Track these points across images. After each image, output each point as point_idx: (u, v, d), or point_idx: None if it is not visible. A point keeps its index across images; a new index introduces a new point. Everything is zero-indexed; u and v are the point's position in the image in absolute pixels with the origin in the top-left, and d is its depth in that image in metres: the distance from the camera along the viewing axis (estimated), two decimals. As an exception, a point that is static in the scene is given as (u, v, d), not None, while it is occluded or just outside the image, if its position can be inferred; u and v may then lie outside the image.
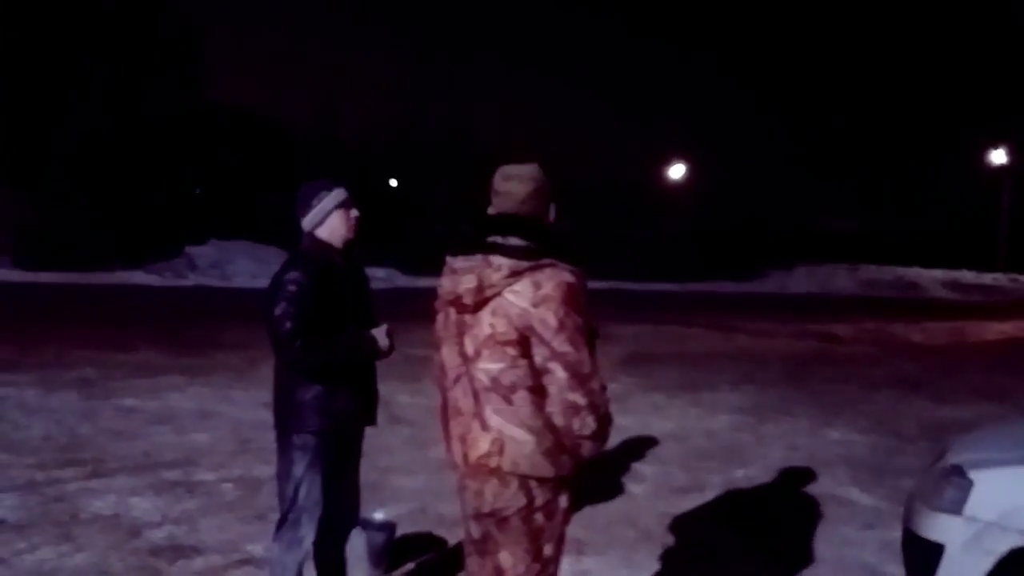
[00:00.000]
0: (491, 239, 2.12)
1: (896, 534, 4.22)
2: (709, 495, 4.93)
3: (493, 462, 2.10)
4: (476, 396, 2.13)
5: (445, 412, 2.27)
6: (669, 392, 8.16)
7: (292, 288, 2.74)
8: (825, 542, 4.20)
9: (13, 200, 21.49)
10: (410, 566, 3.75)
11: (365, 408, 2.98)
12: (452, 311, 2.18)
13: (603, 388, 2.13)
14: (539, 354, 2.06)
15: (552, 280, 2.05)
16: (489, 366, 2.10)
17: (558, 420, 2.07)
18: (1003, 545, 2.71)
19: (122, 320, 12.14)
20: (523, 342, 2.07)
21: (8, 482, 4.56)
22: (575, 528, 4.22)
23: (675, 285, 25.07)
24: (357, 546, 3.41)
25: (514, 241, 2.10)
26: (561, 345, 2.05)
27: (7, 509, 4.14)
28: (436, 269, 2.25)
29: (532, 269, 2.06)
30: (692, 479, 5.24)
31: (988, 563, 2.75)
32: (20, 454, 5.10)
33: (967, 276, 35.69)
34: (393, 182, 36.44)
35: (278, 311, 2.73)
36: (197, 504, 4.37)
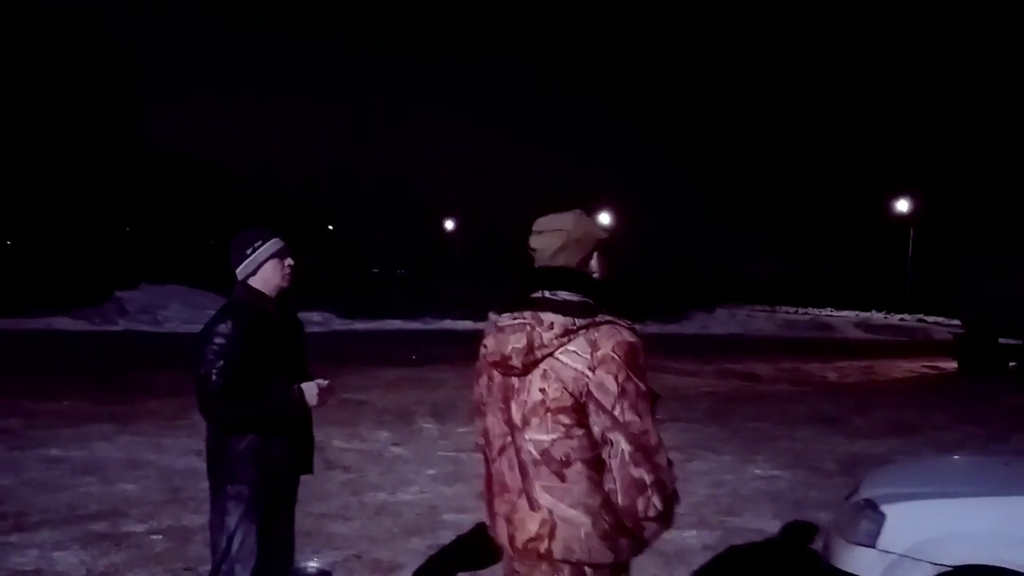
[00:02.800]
0: (538, 294, 1.92)
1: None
2: (641, 533, 5.06)
3: (543, 546, 1.85)
4: (524, 470, 1.88)
5: (490, 487, 2.02)
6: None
7: (220, 341, 2.76)
8: (749, 574, 4.38)
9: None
10: (348, 613, 3.73)
11: (300, 456, 2.99)
12: (497, 374, 1.96)
13: (670, 463, 1.87)
14: (597, 423, 1.83)
15: (611, 339, 1.84)
16: (539, 436, 1.86)
17: (620, 499, 1.82)
18: None
19: (48, 368, 11.64)
20: (578, 409, 1.83)
21: (-81, 539, 4.33)
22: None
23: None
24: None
25: (564, 296, 1.90)
26: (624, 413, 1.81)
27: (-82, 568, 3.94)
28: (371, 313, 2.21)
29: (588, 327, 1.84)
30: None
31: (900, 593, 2.95)
32: (-68, 509, 4.85)
33: (876, 317, 37.59)
34: (330, 227, 36.21)
35: (205, 366, 2.74)
36: (124, 557, 4.25)
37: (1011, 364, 16.40)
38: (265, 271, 2.91)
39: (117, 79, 27.59)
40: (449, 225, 46.61)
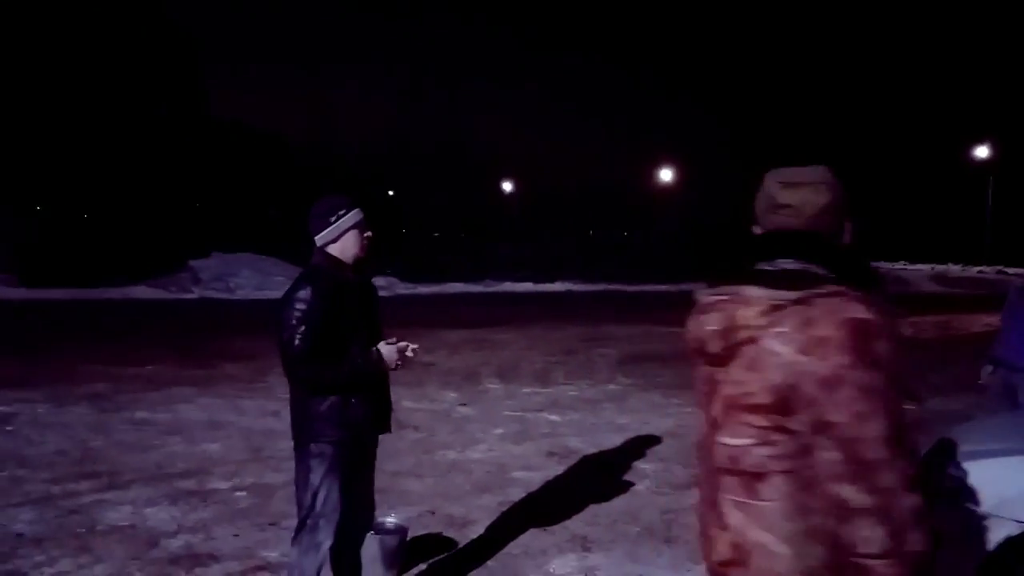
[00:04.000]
0: (754, 266, 1.54)
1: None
2: (709, 491, 5.06)
3: (736, 573, 1.50)
4: (715, 480, 1.54)
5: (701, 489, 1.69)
6: (666, 391, 8.30)
7: (301, 307, 2.83)
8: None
9: (14, 218, 21.56)
10: (422, 567, 3.85)
11: (379, 416, 3.08)
12: (702, 362, 1.59)
13: (907, 485, 1.37)
14: (801, 424, 1.41)
15: (832, 316, 1.40)
16: (729, 440, 1.49)
17: (827, 524, 1.40)
18: (1001, 534, 2.84)
19: (129, 334, 12.23)
20: (782, 408, 1.43)
21: (24, 496, 4.64)
22: (579, 525, 4.38)
23: (667, 285, 25.24)
24: (371, 550, 3.51)
25: (784, 264, 1.50)
26: (835, 411, 1.38)
27: (24, 523, 4.23)
28: (433, 276, 2.18)
29: (802, 301, 1.42)
30: (692, 476, 5.36)
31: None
32: (35, 469, 5.19)
33: (954, 270, 36.14)
34: (390, 192, 36.70)
35: (287, 331, 2.83)
36: (212, 513, 4.47)
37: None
38: (346, 240, 2.98)
39: (182, 54, 28.29)
40: (507, 187, 46.56)
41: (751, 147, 47.87)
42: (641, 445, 6.10)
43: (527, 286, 25.89)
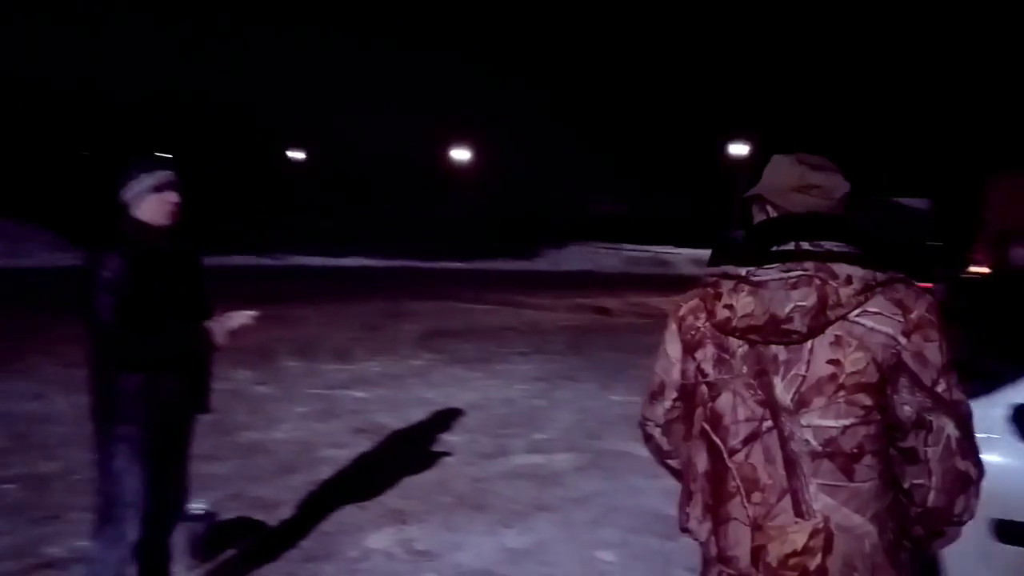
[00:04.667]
0: (798, 245, 1.53)
1: (673, 481, 4.87)
2: (514, 458, 5.31)
3: (813, 563, 1.46)
4: (793, 465, 1.47)
5: (717, 485, 1.57)
6: (467, 365, 8.51)
7: (108, 276, 2.61)
8: (618, 492, 4.72)
9: None
10: (232, 553, 3.68)
11: (194, 394, 2.89)
12: (737, 341, 1.54)
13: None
14: (910, 403, 1.47)
15: (921, 299, 1.49)
16: (826, 422, 1.46)
17: (932, 498, 1.49)
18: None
19: None
20: (881, 387, 1.46)
21: None
22: (393, 499, 4.41)
23: (462, 263, 25.71)
24: (176, 537, 3.30)
25: (830, 246, 1.52)
26: (951, 391, 1.47)
27: None
28: (214, 248, 2.00)
29: (887, 283, 1.48)
30: (497, 445, 5.59)
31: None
32: None
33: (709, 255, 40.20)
34: (168, 156, 33.72)
35: (95, 302, 2.59)
36: (-26, 510, 3.93)
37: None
38: (148, 204, 2.75)
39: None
40: (296, 156, 44.62)
41: (545, 132, 50.01)
42: (448, 418, 6.23)
43: (319, 260, 25.11)
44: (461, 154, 37.65)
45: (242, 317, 2.86)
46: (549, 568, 3.63)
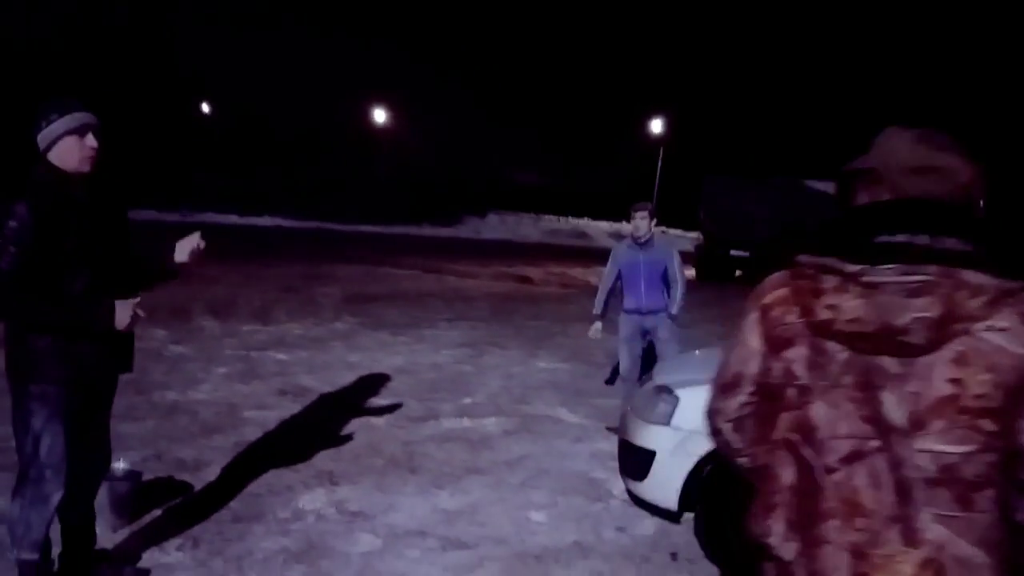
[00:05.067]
0: (913, 239, 1.35)
1: (599, 446, 5.01)
2: (444, 422, 5.32)
3: None
4: (905, 491, 1.34)
5: (809, 501, 1.41)
6: (393, 330, 8.44)
7: (12, 224, 2.42)
8: (546, 455, 4.81)
9: None
10: (156, 513, 3.56)
11: (115, 353, 2.71)
12: (840, 347, 1.37)
13: None
14: None
15: None
16: (945, 448, 1.32)
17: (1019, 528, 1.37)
18: (701, 448, 3.39)
19: None
20: (1005, 412, 1.31)
21: None
22: (323, 461, 4.36)
23: (381, 227, 25.36)
24: (100, 497, 3.17)
25: (952, 245, 1.34)
26: None
27: None
28: None
29: (1018, 294, 1.31)
30: (426, 408, 5.59)
31: (691, 462, 3.44)
32: None
33: (627, 228, 41.11)
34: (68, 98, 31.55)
35: None
36: None
37: (738, 273, 18.94)
38: (61, 148, 2.54)
39: None
40: (205, 108, 42.61)
41: (467, 99, 49.54)
42: (374, 382, 6.18)
43: (232, 218, 24.28)
44: (380, 115, 36.87)
45: (194, 238, 2.74)
46: (483, 529, 3.68)
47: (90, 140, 2.58)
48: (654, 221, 5.45)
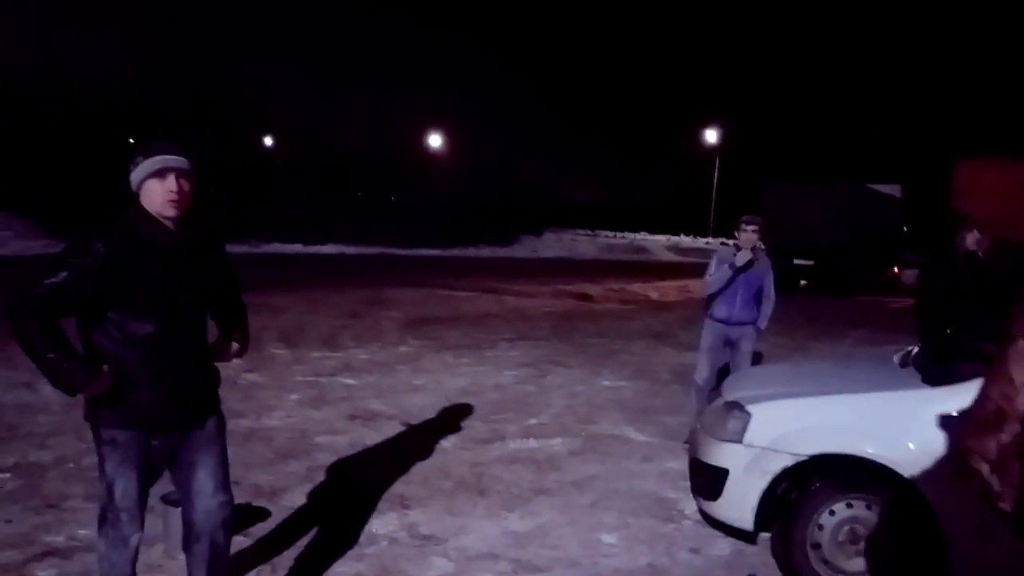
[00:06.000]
0: None
1: (669, 464, 4.95)
2: (510, 443, 5.33)
3: None
4: None
5: None
6: (456, 352, 8.52)
7: (80, 257, 2.39)
8: (615, 475, 4.77)
9: None
10: (239, 538, 3.66)
11: (184, 397, 2.59)
12: None
13: None
14: None
15: None
16: None
17: None
18: (776, 465, 3.33)
19: None
20: None
21: None
22: (395, 484, 4.41)
23: (440, 250, 25.65)
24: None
25: None
26: None
27: None
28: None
29: None
30: (492, 430, 5.61)
31: (765, 481, 3.37)
32: None
33: (685, 240, 40.71)
34: (131, 140, 33.24)
35: (44, 269, 2.37)
36: (-31, 500, 3.86)
37: (803, 283, 18.48)
38: (146, 192, 2.52)
39: None
40: (268, 142, 44.00)
41: (520, 119, 49.91)
42: (439, 404, 6.24)
43: (297, 247, 24.90)
44: (436, 140, 37.45)
45: (234, 349, 2.84)
46: (554, 551, 3.67)
47: (170, 183, 2.50)
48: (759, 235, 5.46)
